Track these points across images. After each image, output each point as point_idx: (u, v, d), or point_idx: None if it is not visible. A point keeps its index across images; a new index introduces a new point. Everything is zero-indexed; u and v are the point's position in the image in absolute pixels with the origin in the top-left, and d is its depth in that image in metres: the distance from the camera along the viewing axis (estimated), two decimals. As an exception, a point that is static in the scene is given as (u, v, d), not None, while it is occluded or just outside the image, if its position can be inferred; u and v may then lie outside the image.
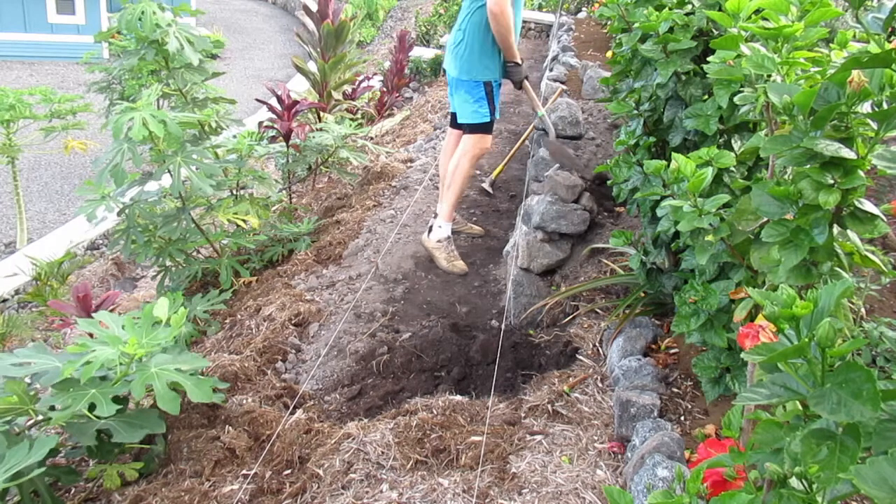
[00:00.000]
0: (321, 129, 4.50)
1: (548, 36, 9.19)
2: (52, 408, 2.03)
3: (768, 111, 1.43)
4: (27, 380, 2.08)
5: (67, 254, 4.72)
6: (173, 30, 3.49)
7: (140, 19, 3.39)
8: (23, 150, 6.27)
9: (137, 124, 2.83)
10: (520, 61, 3.23)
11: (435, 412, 2.19)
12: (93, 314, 2.23)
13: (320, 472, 1.98)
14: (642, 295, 2.49)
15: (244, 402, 2.46)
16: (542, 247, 3.15)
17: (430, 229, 3.38)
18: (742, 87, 1.53)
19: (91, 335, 2.13)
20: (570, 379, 2.28)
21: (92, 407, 1.87)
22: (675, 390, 2.03)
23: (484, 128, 3.27)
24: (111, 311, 2.55)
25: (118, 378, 2.00)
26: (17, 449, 1.74)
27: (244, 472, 2.09)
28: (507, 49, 3.15)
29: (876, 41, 1.10)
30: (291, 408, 2.44)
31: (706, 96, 2.01)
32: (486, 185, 4.13)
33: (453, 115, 3.45)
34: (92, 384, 1.95)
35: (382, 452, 1.98)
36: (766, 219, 1.39)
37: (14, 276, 4.92)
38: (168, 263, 3.58)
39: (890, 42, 1.14)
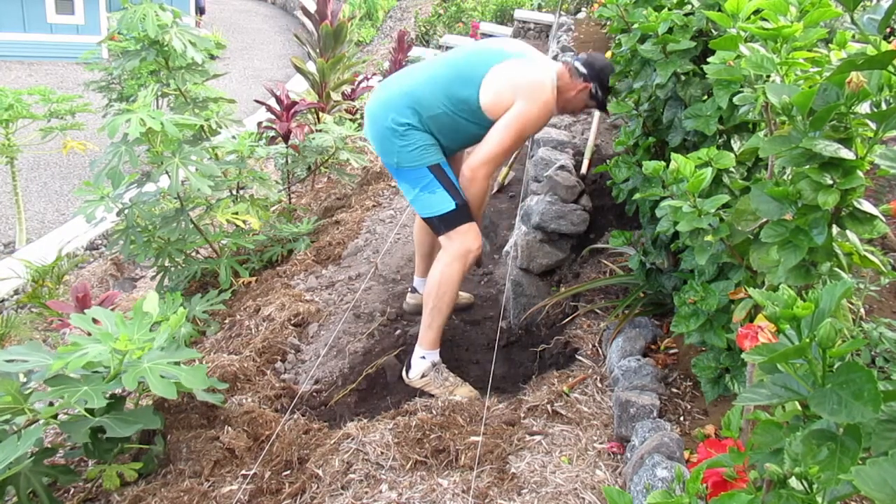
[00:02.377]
0: (321, 131, 4.50)
1: (547, 36, 9.20)
2: (51, 404, 2.03)
3: (767, 112, 1.43)
4: (22, 378, 2.08)
5: (59, 257, 4.71)
6: (175, 30, 3.49)
7: (142, 20, 3.39)
8: (22, 150, 6.27)
9: (134, 124, 2.83)
10: None
11: (434, 412, 2.19)
12: (85, 313, 2.22)
13: (319, 472, 1.98)
14: (642, 295, 2.49)
15: (243, 402, 2.46)
16: (541, 247, 3.15)
17: (408, 365, 2.49)
18: (741, 87, 1.53)
19: (88, 333, 2.12)
20: (570, 379, 2.28)
21: (85, 404, 1.87)
22: (675, 390, 2.03)
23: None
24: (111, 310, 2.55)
25: (112, 375, 2.00)
26: (7, 443, 1.75)
27: (243, 472, 2.09)
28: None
29: (872, 43, 1.10)
30: (291, 408, 2.43)
31: (706, 97, 2.02)
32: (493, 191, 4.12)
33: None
34: (85, 381, 1.95)
35: (382, 453, 1.98)
36: (765, 219, 1.39)
37: (8, 279, 4.92)
38: (167, 264, 3.58)
39: (889, 42, 1.15)
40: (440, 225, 2.39)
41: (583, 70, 2.43)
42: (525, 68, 2.35)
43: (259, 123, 4.97)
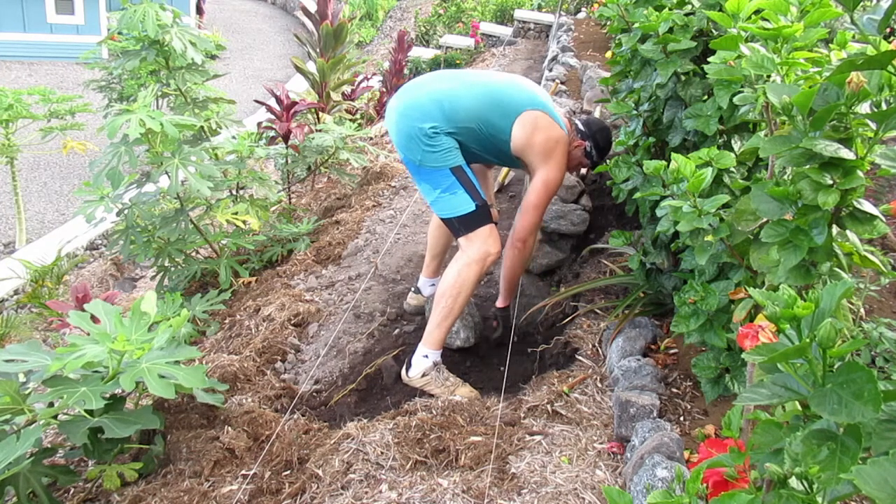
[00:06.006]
0: (321, 131, 4.50)
1: (547, 36, 9.20)
2: (51, 404, 2.02)
3: (768, 111, 1.43)
4: (21, 378, 2.08)
5: (59, 257, 4.71)
6: (175, 30, 3.49)
7: (142, 20, 3.38)
8: (21, 150, 6.26)
9: (134, 125, 2.83)
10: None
11: (434, 412, 2.19)
12: (85, 307, 2.21)
13: (320, 472, 1.98)
14: (642, 295, 2.49)
15: (243, 402, 2.46)
16: (541, 247, 3.15)
17: (408, 364, 2.49)
18: (742, 87, 1.53)
19: (87, 333, 2.12)
20: (570, 379, 2.28)
21: (83, 405, 1.86)
22: (675, 390, 2.03)
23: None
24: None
25: (110, 375, 1.99)
26: (6, 443, 1.74)
27: (243, 472, 2.09)
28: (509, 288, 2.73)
29: (871, 43, 1.10)
30: (291, 408, 2.43)
31: (706, 97, 2.02)
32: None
33: None
34: (84, 382, 1.95)
35: (382, 453, 1.98)
36: (765, 219, 1.39)
37: (8, 279, 4.92)
38: (167, 264, 3.58)
39: (889, 42, 1.15)
40: (459, 227, 2.40)
41: (581, 128, 2.59)
42: (552, 130, 2.46)
43: (259, 123, 4.97)
